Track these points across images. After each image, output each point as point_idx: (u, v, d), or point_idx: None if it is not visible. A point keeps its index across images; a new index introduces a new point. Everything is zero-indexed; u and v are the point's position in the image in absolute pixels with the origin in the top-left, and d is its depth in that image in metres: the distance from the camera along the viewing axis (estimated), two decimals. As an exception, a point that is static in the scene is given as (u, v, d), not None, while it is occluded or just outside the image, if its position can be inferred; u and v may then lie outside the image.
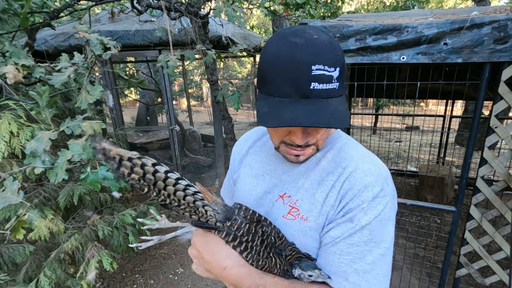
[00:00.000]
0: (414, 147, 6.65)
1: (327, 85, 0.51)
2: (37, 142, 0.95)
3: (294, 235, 0.66)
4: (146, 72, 7.71)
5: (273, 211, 0.70)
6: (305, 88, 0.50)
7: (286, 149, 0.64)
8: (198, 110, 13.52)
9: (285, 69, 0.51)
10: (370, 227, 0.58)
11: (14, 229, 0.95)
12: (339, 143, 0.70)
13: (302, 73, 0.50)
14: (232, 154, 0.90)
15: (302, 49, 0.50)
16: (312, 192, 0.65)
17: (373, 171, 0.62)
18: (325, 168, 0.66)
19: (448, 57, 1.42)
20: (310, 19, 1.69)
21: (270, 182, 0.73)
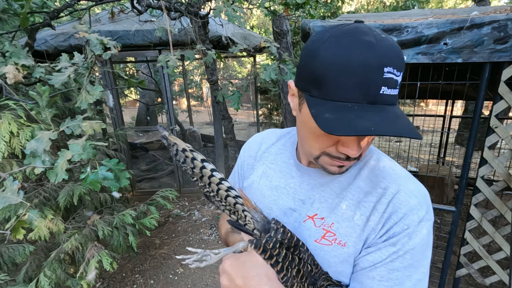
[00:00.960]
0: (414, 147, 6.66)
1: (393, 91, 0.47)
2: (37, 142, 0.95)
3: (330, 262, 0.60)
4: (146, 72, 7.71)
5: (302, 232, 0.63)
6: (374, 92, 0.45)
7: (330, 161, 0.56)
8: (198, 110, 13.52)
9: (356, 71, 0.44)
10: (413, 252, 0.55)
11: (14, 229, 0.95)
12: (371, 158, 0.64)
13: (374, 75, 0.44)
14: (241, 157, 0.83)
15: (376, 50, 0.45)
16: (349, 215, 0.59)
17: (417, 193, 0.58)
18: (361, 188, 0.61)
19: (448, 57, 1.42)
20: (310, 19, 1.69)
21: (295, 198, 0.66)
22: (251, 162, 0.79)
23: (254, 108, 10.36)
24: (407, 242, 0.54)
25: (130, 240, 2.05)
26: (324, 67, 0.47)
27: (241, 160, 0.83)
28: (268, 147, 0.77)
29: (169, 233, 3.46)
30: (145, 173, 5.12)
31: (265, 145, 0.78)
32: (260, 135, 0.82)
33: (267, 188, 0.71)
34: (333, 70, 0.46)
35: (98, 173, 0.99)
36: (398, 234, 0.55)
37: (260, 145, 0.79)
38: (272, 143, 0.78)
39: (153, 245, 3.21)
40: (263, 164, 0.75)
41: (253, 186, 0.74)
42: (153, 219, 2.25)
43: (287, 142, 0.76)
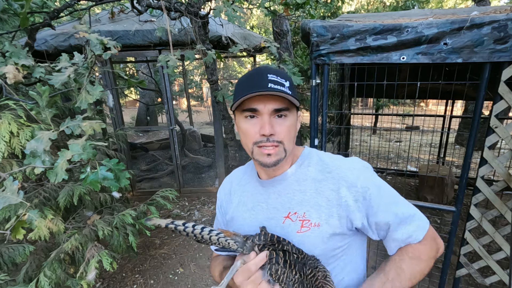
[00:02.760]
0: (414, 147, 6.65)
1: (280, 87, 0.69)
2: (37, 142, 0.95)
3: (315, 243, 0.74)
4: (146, 72, 7.71)
5: (285, 230, 0.77)
6: (263, 85, 0.69)
7: (259, 150, 0.73)
8: (198, 110, 13.52)
9: (249, 78, 0.74)
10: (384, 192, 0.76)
11: (14, 229, 0.95)
12: (313, 157, 0.83)
13: (261, 77, 0.71)
14: (218, 199, 0.99)
15: (261, 68, 0.74)
16: (314, 201, 0.76)
17: (352, 165, 0.78)
18: (314, 178, 0.78)
19: (448, 57, 1.42)
20: (310, 19, 1.69)
21: (269, 208, 0.81)
22: (227, 198, 0.94)
23: (254, 108, 10.33)
24: (376, 193, 0.74)
25: (130, 240, 2.05)
26: (236, 86, 0.76)
27: (219, 202, 0.98)
28: (238, 181, 0.94)
29: (169, 233, 3.45)
30: (145, 173, 5.12)
31: (235, 181, 0.95)
32: (228, 177, 1.00)
33: (245, 212, 0.86)
34: (239, 84, 0.75)
35: (98, 173, 0.98)
36: (367, 198, 0.73)
37: (231, 183, 0.95)
38: (240, 178, 0.94)
39: (153, 245, 3.21)
40: (237, 196, 0.91)
41: (235, 216, 0.88)
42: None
43: (251, 172, 0.91)
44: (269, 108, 0.70)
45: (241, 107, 0.73)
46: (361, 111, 10.65)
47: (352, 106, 4.18)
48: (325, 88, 1.75)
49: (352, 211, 0.73)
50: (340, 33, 1.55)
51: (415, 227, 0.74)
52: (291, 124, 0.73)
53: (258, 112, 0.71)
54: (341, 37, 1.56)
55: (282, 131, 0.72)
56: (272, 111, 0.71)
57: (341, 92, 3.20)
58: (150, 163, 5.60)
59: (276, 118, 0.72)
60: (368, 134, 8.00)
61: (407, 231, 0.73)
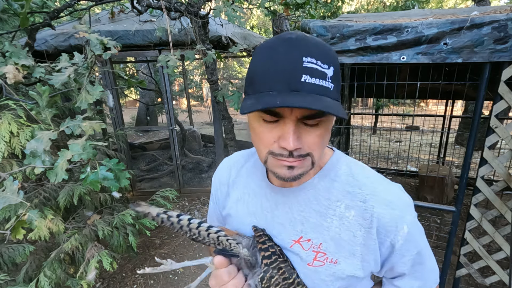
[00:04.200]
0: (414, 147, 6.66)
1: (321, 81, 0.47)
2: (37, 142, 0.95)
3: (326, 281, 0.60)
4: (146, 72, 7.70)
5: (290, 257, 0.62)
6: (296, 80, 0.45)
7: (276, 162, 0.53)
8: (198, 110, 13.52)
9: (276, 63, 0.47)
10: (419, 251, 0.61)
11: (14, 229, 0.95)
12: (342, 168, 0.63)
13: (293, 64, 0.46)
14: (214, 186, 0.80)
15: (294, 42, 0.47)
16: (336, 232, 0.59)
17: (397, 202, 0.59)
18: (340, 200, 0.60)
19: (448, 57, 1.42)
20: (310, 19, 1.69)
21: (274, 222, 0.65)
22: (225, 189, 0.77)
23: (254, 108, 10.33)
24: (410, 248, 0.59)
25: (130, 240, 2.05)
26: (254, 65, 0.50)
27: (214, 190, 0.80)
28: (238, 170, 0.75)
29: (169, 233, 3.46)
30: (145, 173, 5.12)
31: (234, 169, 0.76)
32: (227, 160, 0.80)
33: (245, 215, 0.70)
34: (260, 65, 0.49)
35: (98, 173, 0.99)
36: (400, 248, 0.58)
37: (230, 170, 0.77)
38: (241, 166, 0.76)
39: (153, 245, 3.21)
40: (237, 190, 0.73)
41: (232, 214, 0.73)
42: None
43: (256, 162, 0.73)
44: (297, 115, 0.49)
45: None
46: (361, 111, 10.65)
47: (352, 106, 4.18)
48: (325, 88, 1.75)
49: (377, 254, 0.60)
50: (340, 33, 1.55)
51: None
52: (325, 132, 0.53)
53: (280, 116, 0.50)
54: (341, 37, 1.56)
55: (310, 142, 0.52)
56: (301, 117, 0.50)
57: (341, 92, 3.20)
58: (150, 163, 5.60)
59: (305, 125, 0.51)
60: (368, 134, 8.01)
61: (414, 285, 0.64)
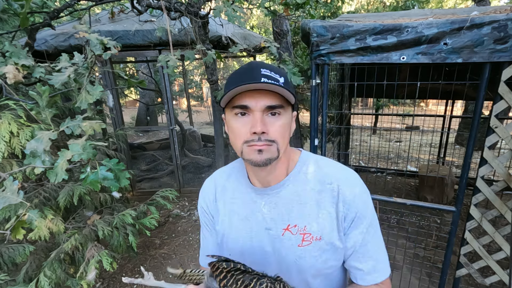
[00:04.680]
0: (414, 147, 6.65)
1: (275, 82, 0.63)
2: (37, 142, 0.95)
3: (316, 256, 0.72)
4: (146, 72, 7.71)
5: (284, 243, 0.74)
6: (257, 79, 0.63)
7: (249, 149, 0.67)
8: (198, 110, 13.52)
9: (240, 72, 0.67)
10: (369, 222, 0.73)
11: (14, 229, 0.95)
12: (311, 163, 0.78)
13: (254, 71, 0.64)
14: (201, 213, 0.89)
15: (254, 63, 0.68)
16: (315, 215, 0.73)
17: (353, 181, 0.74)
18: (313, 189, 0.74)
19: (448, 57, 1.42)
20: (310, 19, 1.69)
21: (266, 219, 0.76)
22: (213, 207, 0.85)
23: (254, 108, 10.33)
24: (362, 222, 0.72)
25: (130, 240, 2.05)
26: (228, 80, 0.69)
27: (203, 218, 0.88)
28: (223, 186, 0.84)
29: (169, 233, 3.46)
30: (145, 173, 5.12)
31: (219, 186, 0.85)
32: (209, 181, 0.89)
33: (239, 222, 0.79)
34: (230, 79, 0.68)
35: (98, 173, 0.98)
36: (354, 218, 0.72)
37: (215, 188, 0.85)
38: (225, 179, 0.85)
39: (153, 245, 3.21)
40: (225, 203, 0.82)
41: (226, 226, 0.81)
42: (153, 219, 2.25)
43: (237, 174, 0.84)
44: (262, 105, 0.64)
45: (231, 103, 0.67)
46: (361, 111, 10.64)
47: (352, 106, 4.18)
48: (325, 88, 1.75)
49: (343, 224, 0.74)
50: (340, 33, 1.55)
51: (379, 269, 0.75)
52: (285, 123, 0.68)
53: (249, 109, 0.65)
54: (341, 37, 1.56)
55: (275, 130, 0.66)
56: (265, 108, 0.64)
57: (341, 92, 3.20)
58: (150, 163, 5.60)
59: (269, 116, 0.66)
60: (368, 134, 8.01)
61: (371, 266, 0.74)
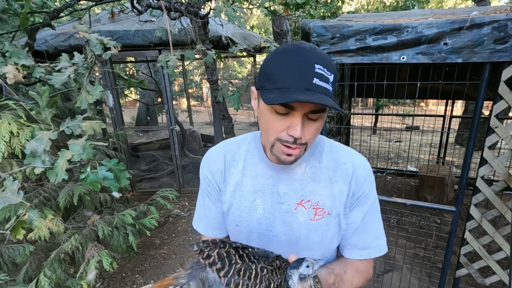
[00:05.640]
0: (414, 147, 6.65)
1: (325, 84, 0.60)
2: (37, 142, 0.95)
3: (326, 230, 0.76)
4: (146, 72, 7.71)
5: (297, 217, 0.76)
6: (309, 81, 0.58)
7: (280, 148, 0.67)
8: (198, 110, 13.52)
9: (293, 65, 0.59)
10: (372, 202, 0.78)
11: (14, 229, 0.95)
12: (325, 144, 0.81)
13: (307, 68, 0.58)
14: (204, 181, 0.84)
15: (308, 52, 0.60)
16: (329, 191, 0.76)
17: (365, 165, 0.79)
18: (328, 167, 0.77)
19: (448, 57, 1.42)
20: (310, 19, 1.69)
21: (279, 193, 0.77)
22: (220, 177, 0.81)
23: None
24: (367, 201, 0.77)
25: (130, 240, 2.05)
26: (271, 65, 0.62)
27: (206, 186, 0.84)
28: (233, 157, 0.82)
29: (169, 233, 3.46)
30: (145, 173, 5.11)
31: (229, 157, 0.82)
32: (217, 150, 0.85)
33: (249, 194, 0.78)
34: (278, 65, 0.61)
35: (98, 173, 0.99)
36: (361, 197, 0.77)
37: (224, 158, 0.82)
38: (235, 152, 0.83)
39: (153, 245, 3.21)
40: (236, 174, 0.80)
41: (234, 198, 0.79)
42: (153, 219, 2.25)
43: (251, 147, 0.82)
44: (306, 109, 0.62)
45: None
46: (361, 111, 10.65)
47: (352, 106, 4.18)
48: (325, 88, 1.75)
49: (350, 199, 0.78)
50: (340, 33, 1.55)
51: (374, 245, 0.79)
52: (321, 125, 0.67)
53: (292, 110, 0.62)
54: (341, 37, 1.56)
55: (310, 133, 0.65)
56: (309, 112, 0.62)
57: (341, 92, 3.20)
58: (150, 163, 5.60)
59: (308, 119, 0.64)
60: (368, 134, 8.00)
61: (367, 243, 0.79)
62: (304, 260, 0.57)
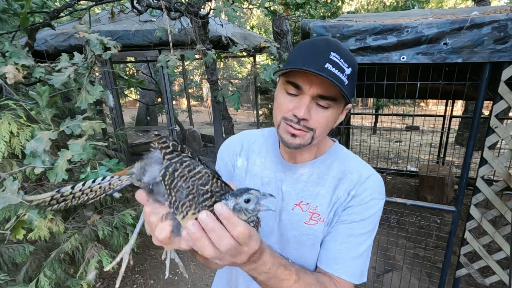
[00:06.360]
0: (414, 147, 6.65)
1: (339, 73, 0.60)
2: (37, 142, 0.95)
3: (317, 237, 0.73)
4: (146, 72, 7.71)
5: (292, 217, 0.76)
6: (320, 65, 0.59)
7: (285, 127, 0.67)
8: (198, 110, 13.52)
9: (311, 51, 0.63)
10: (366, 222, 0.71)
11: (14, 229, 0.95)
12: (340, 155, 0.79)
13: (322, 54, 0.61)
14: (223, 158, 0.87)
15: (330, 42, 0.64)
16: (329, 199, 0.74)
17: (374, 178, 0.74)
18: (334, 176, 0.75)
19: (448, 57, 1.42)
20: (310, 19, 1.69)
21: (282, 189, 0.77)
22: (235, 158, 0.86)
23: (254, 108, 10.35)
24: (361, 212, 0.70)
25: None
26: (295, 51, 0.66)
27: (224, 161, 0.87)
28: (250, 145, 0.86)
29: (169, 233, 3.45)
30: (145, 173, 5.10)
31: (246, 143, 0.87)
32: (237, 136, 0.90)
33: (253, 182, 0.81)
34: (299, 52, 0.64)
35: (98, 173, 0.99)
36: (355, 206, 0.71)
37: (242, 144, 0.87)
38: (252, 142, 0.86)
39: (153, 245, 3.21)
40: (248, 161, 0.84)
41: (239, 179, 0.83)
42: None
43: (267, 141, 0.85)
44: (314, 92, 0.62)
45: (287, 76, 0.65)
46: (361, 111, 10.65)
47: (352, 106, 4.18)
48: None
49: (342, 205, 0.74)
50: (340, 33, 1.55)
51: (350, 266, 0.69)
52: (332, 116, 0.66)
53: (301, 90, 0.63)
54: (341, 37, 1.56)
55: (318, 120, 0.64)
56: (316, 95, 0.62)
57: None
58: (150, 163, 5.59)
59: (317, 106, 0.64)
60: (368, 134, 8.00)
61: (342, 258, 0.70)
62: (248, 192, 0.48)
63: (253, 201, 0.49)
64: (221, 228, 0.45)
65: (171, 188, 0.48)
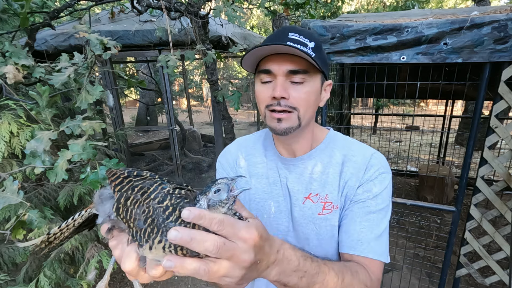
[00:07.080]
0: (414, 147, 6.65)
1: (302, 47, 0.61)
2: (37, 142, 0.95)
3: (335, 225, 0.73)
4: (146, 72, 7.71)
5: (305, 212, 0.75)
6: (282, 42, 0.61)
7: (270, 114, 0.68)
8: (198, 110, 13.52)
9: (272, 35, 0.67)
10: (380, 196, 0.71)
11: (14, 229, 0.95)
12: (339, 140, 0.80)
13: (280, 35, 0.64)
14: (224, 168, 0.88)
15: (286, 26, 0.67)
16: (337, 184, 0.74)
17: (377, 156, 0.75)
18: (338, 162, 0.76)
19: (448, 57, 1.42)
20: (310, 19, 1.69)
21: (288, 186, 0.77)
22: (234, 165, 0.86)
23: (254, 108, 10.35)
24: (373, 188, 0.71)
25: (130, 240, 2.05)
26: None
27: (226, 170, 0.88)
28: (248, 149, 0.86)
29: (169, 233, 3.45)
30: (145, 173, 5.11)
31: (244, 148, 0.87)
32: (233, 145, 0.91)
33: (259, 184, 0.81)
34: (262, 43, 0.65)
35: (98, 173, 0.98)
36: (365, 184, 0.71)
37: (240, 150, 0.87)
38: (251, 147, 0.87)
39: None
40: (249, 165, 0.84)
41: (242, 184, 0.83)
42: None
43: (264, 142, 0.86)
44: (284, 69, 0.63)
45: (258, 68, 0.68)
46: (361, 111, 10.65)
47: (352, 106, 4.18)
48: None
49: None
50: (340, 33, 1.55)
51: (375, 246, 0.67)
52: (310, 90, 0.66)
53: (272, 74, 0.64)
54: (341, 37, 1.56)
55: (297, 96, 0.65)
56: (287, 72, 0.63)
57: (341, 92, 3.20)
58: (150, 163, 5.60)
59: (293, 83, 0.65)
60: (368, 134, 8.00)
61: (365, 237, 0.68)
62: (215, 184, 0.45)
63: (224, 189, 0.45)
64: (200, 232, 0.39)
65: (128, 220, 0.44)
